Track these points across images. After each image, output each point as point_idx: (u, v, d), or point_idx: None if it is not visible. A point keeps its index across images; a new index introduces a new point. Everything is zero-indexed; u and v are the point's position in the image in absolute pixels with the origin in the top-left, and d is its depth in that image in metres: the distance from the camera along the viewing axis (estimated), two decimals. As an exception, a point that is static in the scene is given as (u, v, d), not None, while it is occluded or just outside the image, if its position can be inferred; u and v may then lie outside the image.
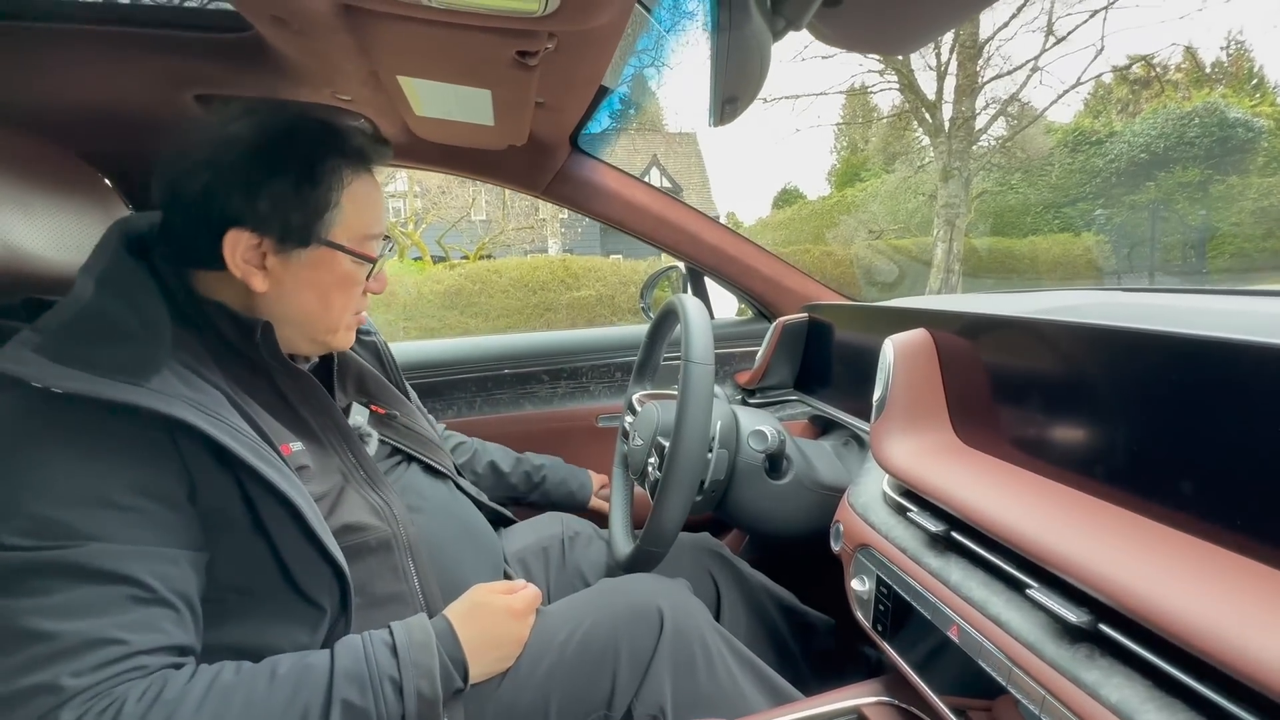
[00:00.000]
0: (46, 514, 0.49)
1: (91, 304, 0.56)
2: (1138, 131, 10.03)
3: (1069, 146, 10.74)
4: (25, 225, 0.75)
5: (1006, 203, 10.80)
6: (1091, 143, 10.56)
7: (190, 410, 0.53)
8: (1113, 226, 9.96)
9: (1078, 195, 10.45)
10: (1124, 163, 9.93)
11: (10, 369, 0.50)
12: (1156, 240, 9.43)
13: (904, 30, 0.47)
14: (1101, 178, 10.22)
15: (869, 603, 0.67)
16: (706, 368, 0.77)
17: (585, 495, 1.15)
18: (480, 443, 1.13)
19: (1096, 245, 9.86)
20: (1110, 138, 10.45)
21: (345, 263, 0.66)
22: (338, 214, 0.64)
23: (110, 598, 0.49)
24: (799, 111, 29.36)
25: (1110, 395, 0.53)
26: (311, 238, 0.63)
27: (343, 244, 0.65)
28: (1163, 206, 9.40)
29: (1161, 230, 9.42)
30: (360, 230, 0.67)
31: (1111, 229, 9.96)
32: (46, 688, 0.45)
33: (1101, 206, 10.15)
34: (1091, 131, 10.80)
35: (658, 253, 1.38)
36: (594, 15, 0.54)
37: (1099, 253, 9.80)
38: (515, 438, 1.17)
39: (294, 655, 0.57)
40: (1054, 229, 10.46)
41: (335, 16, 0.58)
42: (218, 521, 0.56)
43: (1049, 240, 10.27)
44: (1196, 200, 9.24)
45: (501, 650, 0.66)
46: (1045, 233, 10.46)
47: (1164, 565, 0.42)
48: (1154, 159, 9.64)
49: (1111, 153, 10.18)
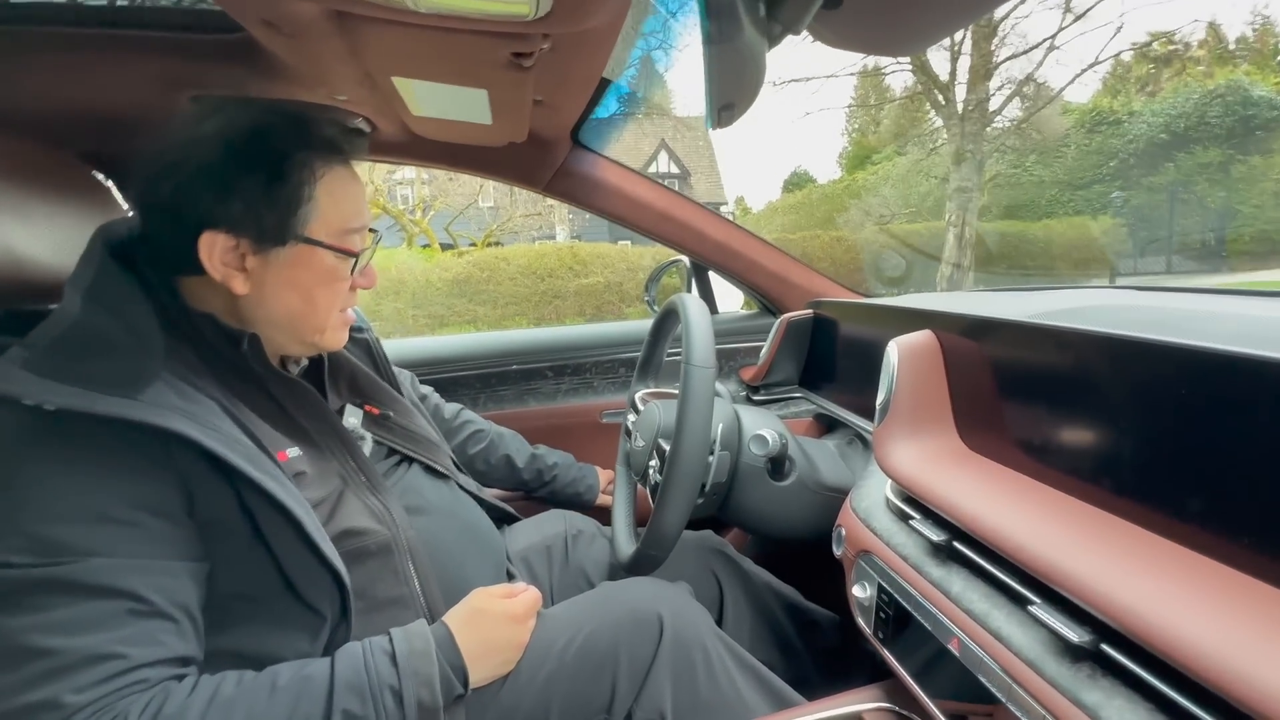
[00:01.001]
0: (43, 531, 0.49)
1: (80, 318, 0.55)
2: (1157, 111, 9.79)
3: (1086, 127, 10.50)
4: (24, 230, 0.74)
5: (1021, 186, 10.59)
6: (1109, 123, 10.32)
7: (184, 422, 0.53)
8: (1130, 209, 9.74)
9: (1094, 177, 10.22)
10: (1143, 143, 9.70)
11: (1, 388, 0.49)
12: (1175, 223, 9.23)
13: (906, 32, 0.45)
14: (1119, 159, 9.99)
15: (870, 609, 0.67)
16: (707, 370, 0.77)
17: (592, 497, 1.16)
18: (498, 432, 1.13)
19: (1113, 228, 9.66)
20: (1129, 118, 10.20)
21: (326, 258, 0.64)
22: (313, 209, 0.62)
23: (110, 612, 0.49)
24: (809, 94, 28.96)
25: (1118, 405, 0.51)
26: (288, 235, 0.62)
27: (321, 239, 0.63)
28: (1182, 188, 9.19)
29: (1180, 213, 9.22)
30: (339, 224, 0.65)
31: (1129, 212, 9.75)
32: (48, 704, 0.46)
33: (1119, 189, 9.93)
34: (1110, 111, 10.54)
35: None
36: (588, 17, 0.53)
37: (1115, 236, 9.61)
38: (520, 433, 1.17)
39: (294, 665, 0.57)
40: (1069, 212, 10.25)
41: (325, 20, 0.57)
42: (217, 532, 0.57)
43: (1064, 224, 10.08)
44: (1217, 182, 9.01)
45: (502, 656, 0.67)
46: (1060, 216, 10.26)
47: (1170, 585, 0.41)
48: (1174, 139, 9.40)
49: (1130, 133, 9.94)
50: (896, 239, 10.09)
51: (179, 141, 0.60)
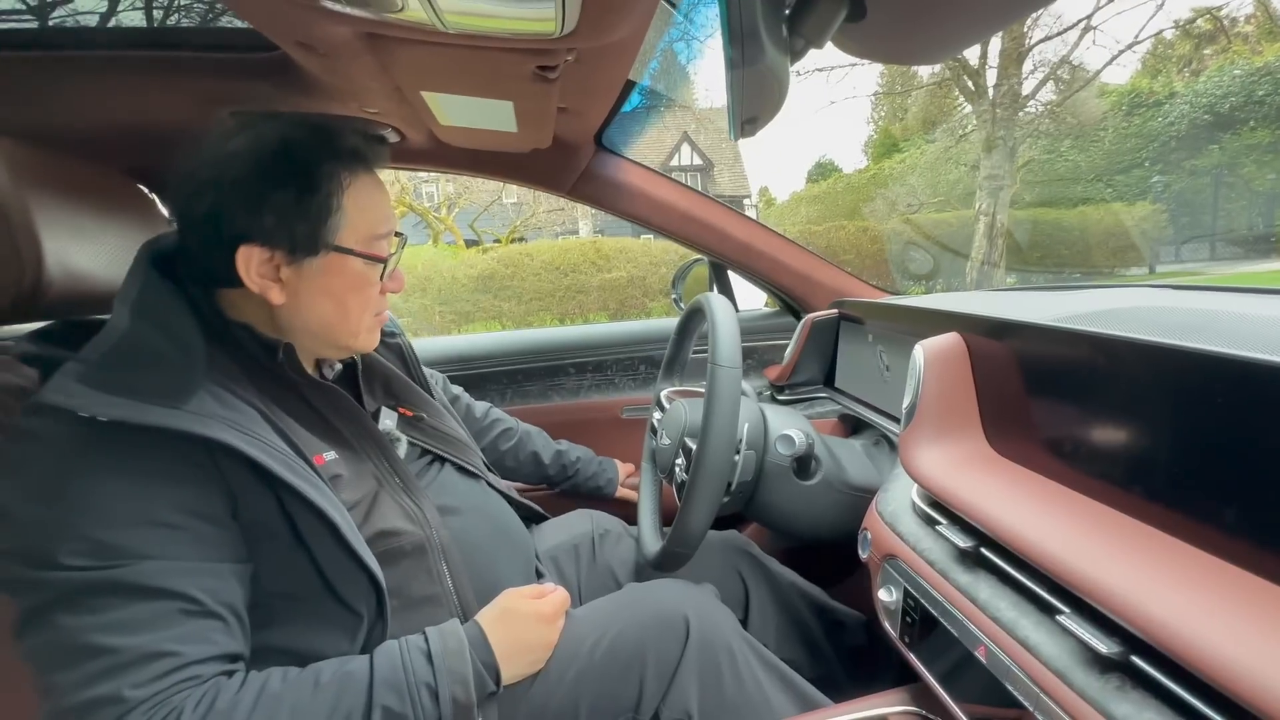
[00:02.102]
0: (100, 536, 0.51)
1: (129, 332, 0.58)
2: (1200, 91, 9.35)
3: (1124, 110, 10.09)
4: (77, 245, 0.78)
5: (1055, 171, 10.25)
6: (1149, 105, 9.89)
7: (227, 430, 0.56)
8: (1171, 194, 9.35)
9: (1133, 162, 9.83)
10: (1185, 125, 9.28)
11: (59, 400, 0.52)
12: (1219, 208, 8.85)
13: (931, 41, 0.45)
14: (1160, 142, 9.58)
15: (896, 613, 0.67)
16: (734, 371, 0.77)
17: (612, 490, 1.20)
18: (525, 430, 1.17)
19: (1152, 215, 9.30)
20: (1170, 99, 9.76)
21: (357, 265, 0.66)
22: (342, 218, 0.64)
23: (163, 612, 0.52)
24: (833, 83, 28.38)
25: (1150, 411, 0.50)
26: (320, 245, 0.64)
27: (351, 247, 0.65)
28: (1227, 171, 8.80)
29: (1225, 197, 8.83)
30: (367, 230, 0.67)
31: (1170, 197, 9.35)
32: (110, 699, 0.48)
33: (1159, 173, 9.54)
34: (1149, 93, 10.11)
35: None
36: (612, 31, 0.53)
37: (1155, 223, 9.25)
38: (543, 428, 1.21)
39: (335, 662, 0.59)
40: (1106, 198, 9.89)
41: (357, 40, 0.59)
42: (259, 534, 0.59)
43: (1101, 210, 9.72)
44: (1265, 164, 8.60)
45: (532, 655, 0.68)
46: (1097, 202, 9.90)
47: (1203, 598, 0.40)
48: (1218, 120, 8.99)
49: (1171, 115, 9.51)
50: (924, 230, 9.85)
51: (212, 159, 0.62)
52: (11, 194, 0.62)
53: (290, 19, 0.56)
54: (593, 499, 1.17)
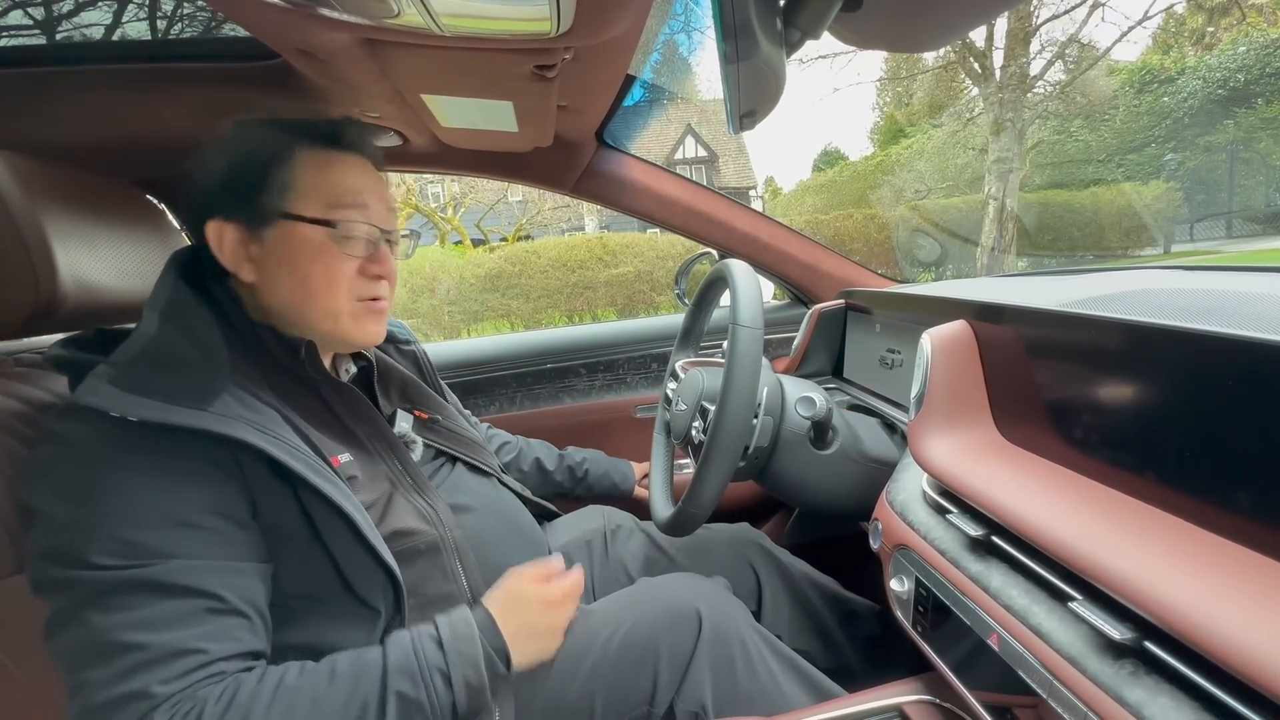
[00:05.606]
0: (129, 535, 0.53)
1: (157, 337, 0.60)
2: (1214, 66, 9.15)
3: (1135, 87, 9.91)
4: (91, 257, 0.79)
5: (1065, 153, 10.08)
6: (1161, 81, 9.70)
7: (250, 431, 0.57)
8: (1185, 172, 9.17)
9: (1145, 140, 9.64)
10: (1198, 101, 9.09)
11: (91, 401, 0.54)
12: (1235, 184, 8.68)
13: (929, 27, 0.45)
14: (1173, 119, 9.39)
15: (908, 603, 0.67)
16: (755, 331, 0.75)
17: (629, 486, 1.18)
18: (525, 441, 1.16)
19: (1167, 193, 9.13)
20: (1182, 74, 9.56)
21: (312, 234, 0.66)
22: (291, 184, 0.66)
23: (190, 610, 0.53)
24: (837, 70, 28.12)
25: (1161, 396, 0.50)
26: (269, 212, 0.66)
27: (302, 213, 0.66)
28: (1242, 147, 8.62)
29: (1241, 173, 8.65)
30: (322, 200, 0.67)
31: (1183, 175, 9.17)
32: (139, 695, 0.50)
33: (1172, 150, 9.36)
34: (1161, 69, 9.91)
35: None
36: (608, 28, 0.53)
37: (1169, 201, 9.08)
38: (555, 430, 1.20)
39: (350, 653, 0.60)
40: (1118, 178, 9.72)
41: (356, 46, 0.59)
42: (279, 535, 0.60)
43: (1112, 190, 9.55)
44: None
45: (540, 640, 0.68)
46: (1108, 182, 9.72)
47: (1215, 582, 0.40)
48: (1233, 95, 8.79)
49: (1184, 90, 9.32)
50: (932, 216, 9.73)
51: (205, 159, 0.66)
52: (25, 209, 0.63)
53: (290, 27, 0.56)
54: (609, 500, 1.15)
